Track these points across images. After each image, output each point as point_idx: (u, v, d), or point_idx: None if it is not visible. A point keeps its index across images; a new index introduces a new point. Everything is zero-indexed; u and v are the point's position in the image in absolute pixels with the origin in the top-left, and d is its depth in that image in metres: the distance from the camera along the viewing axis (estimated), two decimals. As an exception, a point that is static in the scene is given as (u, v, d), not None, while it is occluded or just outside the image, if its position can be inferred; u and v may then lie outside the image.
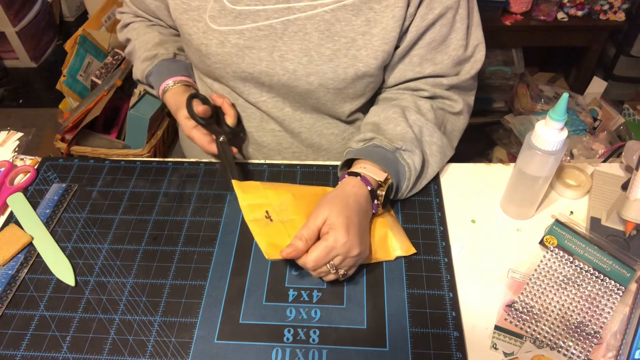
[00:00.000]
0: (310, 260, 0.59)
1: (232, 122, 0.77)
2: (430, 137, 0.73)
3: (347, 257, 0.60)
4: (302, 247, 0.59)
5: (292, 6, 0.68)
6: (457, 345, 0.59)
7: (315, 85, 0.72)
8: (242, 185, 0.68)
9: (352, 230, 0.59)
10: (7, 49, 2.31)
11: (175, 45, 0.86)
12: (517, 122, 1.72)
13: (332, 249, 0.58)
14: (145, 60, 0.84)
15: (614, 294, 0.62)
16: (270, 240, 0.62)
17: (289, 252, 0.59)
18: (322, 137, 0.82)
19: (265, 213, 0.65)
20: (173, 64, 0.84)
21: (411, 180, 0.70)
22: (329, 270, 0.60)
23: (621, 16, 1.69)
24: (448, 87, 0.75)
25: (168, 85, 0.81)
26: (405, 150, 0.69)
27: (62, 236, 0.72)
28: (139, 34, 0.86)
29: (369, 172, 0.66)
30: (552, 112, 0.60)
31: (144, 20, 0.88)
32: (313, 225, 0.60)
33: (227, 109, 0.77)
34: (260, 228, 0.63)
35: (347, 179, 0.66)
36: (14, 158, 0.84)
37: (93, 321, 0.62)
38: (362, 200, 0.64)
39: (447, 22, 0.69)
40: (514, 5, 1.69)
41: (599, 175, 0.76)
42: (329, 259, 0.59)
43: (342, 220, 0.59)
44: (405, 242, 0.68)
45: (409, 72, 0.74)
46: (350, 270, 0.62)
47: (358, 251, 0.60)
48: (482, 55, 0.75)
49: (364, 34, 0.68)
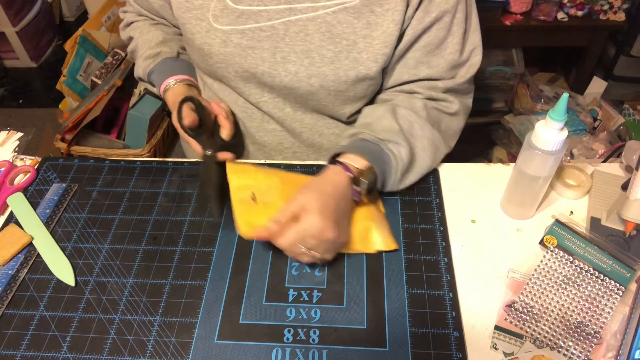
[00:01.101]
0: (284, 240, 0.60)
1: (226, 136, 0.74)
2: (422, 131, 0.72)
3: (321, 241, 0.60)
4: (275, 229, 0.61)
5: (293, 7, 0.68)
6: (457, 345, 0.59)
7: (316, 87, 0.72)
8: (235, 167, 0.70)
9: (326, 214, 0.60)
10: (7, 49, 2.31)
11: (178, 44, 0.86)
12: (517, 122, 1.72)
13: (304, 231, 0.59)
14: (147, 58, 0.83)
15: (614, 294, 0.62)
16: (249, 219, 0.64)
17: (262, 233, 0.61)
18: (323, 137, 0.82)
19: (252, 194, 0.67)
20: (176, 63, 0.84)
21: (398, 170, 0.70)
22: (305, 252, 0.61)
23: (621, 16, 1.69)
24: (444, 90, 0.75)
25: (169, 84, 0.80)
26: (389, 141, 0.70)
27: (62, 236, 0.72)
28: (142, 32, 0.86)
29: (350, 160, 0.67)
30: (552, 112, 0.60)
31: (147, 19, 0.88)
32: (289, 209, 0.61)
33: (223, 121, 0.74)
34: (243, 207, 0.65)
35: (329, 167, 0.68)
36: (14, 158, 0.84)
37: (93, 321, 0.62)
38: (341, 186, 0.65)
39: (444, 26, 0.69)
40: (514, 5, 1.69)
41: (599, 175, 0.76)
42: (303, 242, 0.60)
43: (317, 204, 0.60)
44: (387, 237, 0.68)
45: (404, 74, 0.74)
46: (327, 254, 0.63)
47: (332, 234, 0.60)
48: (478, 60, 0.75)
49: (365, 36, 0.68)
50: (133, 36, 0.88)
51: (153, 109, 1.56)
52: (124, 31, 0.91)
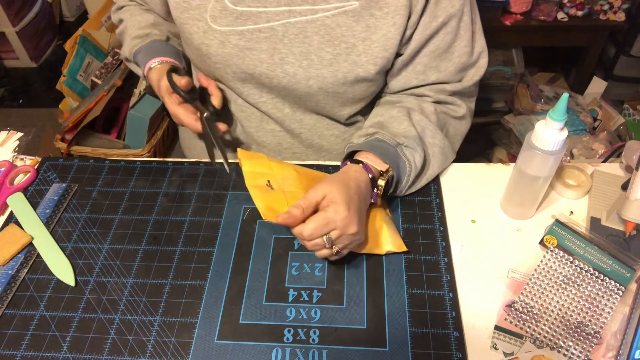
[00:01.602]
0: (308, 228, 0.59)
1: (217, 104, 0.74)
2: (433, 139, 0.73)
3: (344, 234, 0.60)
4: (299, 215, 0.59)
5: (293, 9, 0.68)
6: (457, 345, 0.59)
7: (314, 89, 0.72)
8: (247, 153, 0.69)
9: (352, 208, 0.60)
10: (7, 49, 2.31)
11: (168, 29, 0.85)
12: (517, 122, 1.72)
13: (330, 221, 0.59)
14: (135, 38, 0.82)
15: (614, 294, 0.62)
16: (269, 204, 0.62)
17: (286, 218, 0.59)
18: (322, 138, 0.82)
19: (267, 182, 0.66)
20: (164, 46, 0.83)
21: (411, 177, 0.70)
22: (324, 244, 0.60)
23: (621, 16, 1.69)
24: (451, 93, 0.75)
25: (154, 64, 0.78)
26: (407, 147, 0.70)
27: (62, 236, 0.72)
28: (133, 14, 0.86)
29: (370, 161, 0.67)
30: (552, 112, 0.60)
31: (138, 4, 0.88)
32: (312, 198, 0.60)
33: (214, 90, 0.75)
34: (261, 193, 0.64)
35: (349, 165, 0.67)
36: (14, 158, 0.84)
37: (93, 321, 0.62)
38: (363, 185, 0.64)
39: (451, 29, 0.69)
40: (514, 5, 1.69)
41: (599, 175, 0.76)
42: (326, 231, 0.59)
43: (344, 197, 0.60)
44: (397, 239, 0.68)
45: (413, 79, 0.74)
46: (345, 249, 0.62)
47: (356, 229, 0.60)
48: (485, 62, 0.75)
49: (364, 39, 0.68)
50: (123, 18, 0.87)
51: (153, 109, 1.56)
52: (115, 14, 0.90)
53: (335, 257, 0.63)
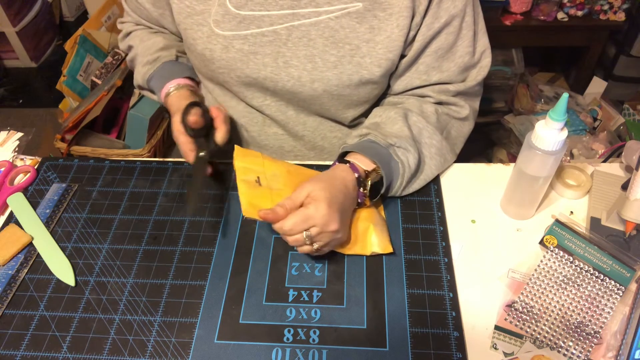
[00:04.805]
0: (288, 224, 0.60)
1: (220, 140, 0.71)
2: (430, 140, 0.73)
3: (324, 231, 0.60)
4: (281, 213, 0.60)
5: (296, 12, 0.68)
6: (457, 345, 0.59)
7: (319, 92, 0.72)
8: (242, 150, 0.70)
9: (333, 207, 0.61)
10: (7, 49, 2.31)
11: (177, 49, 0.84)
12: (517, 122, 1.72)
13: (310, 217, 0.60)
14: (146, 64, 0.81)
15: (614, 294, 0.62)
16: (252, 201, 0.64)
17: (267, 213, 0.60)
18: (325, 140, 0.82)
19: (257, 178, 0.67)
20: (175, 66, 0.82)
21: (405, 177, 0.70)
22: (304, 241, 0.61)
23: (621, 16, 1.69)
24: (454, 93, 0.75)
25: (170, 89, 0.77)
26: (399, 147, 0.70)
27: (62, 236, 0.72)
28: (142, 40, 0.84)
29: (358, 161, 0.68)
30: (552, 112, 0.60)
31: (145, 28, 0.86)
32: (296, 198, 0.62)
33: (220, 124, 0.71)
34: (247, 188, 0.65)
35: (337, 165, 0.68)
36: (14, 158, 0.84)
37: (93, 321, 0.62)
38: (349, 184, 0.65)
39: (454, 30, 0.69)
40: (514, 5, 1.69)
41: (599, 175, 0.76)
42: (306, 227, 0.60)
43: (325, 195, 0.61)
44: (384, 240, 0.68)
45: (415, 80, 0.74)
46: (326, 247, 0.63)
47: (336, 227, 0.61)
48: (488, 62, 0.75)
49: (368, 41, 0.68)
50: (133, 45, 0.85)
51: (153, 109, 1.55)
52: (122, 42, 0.89)
53: (317, 253, 0.63)
